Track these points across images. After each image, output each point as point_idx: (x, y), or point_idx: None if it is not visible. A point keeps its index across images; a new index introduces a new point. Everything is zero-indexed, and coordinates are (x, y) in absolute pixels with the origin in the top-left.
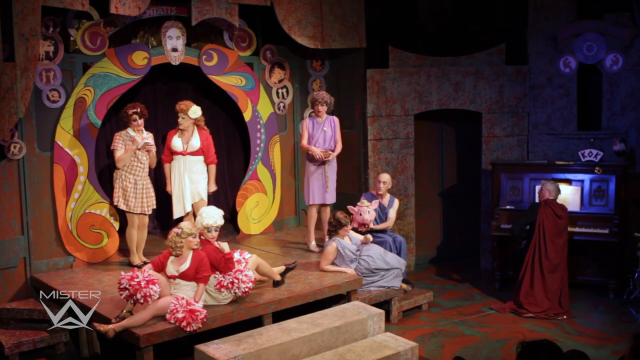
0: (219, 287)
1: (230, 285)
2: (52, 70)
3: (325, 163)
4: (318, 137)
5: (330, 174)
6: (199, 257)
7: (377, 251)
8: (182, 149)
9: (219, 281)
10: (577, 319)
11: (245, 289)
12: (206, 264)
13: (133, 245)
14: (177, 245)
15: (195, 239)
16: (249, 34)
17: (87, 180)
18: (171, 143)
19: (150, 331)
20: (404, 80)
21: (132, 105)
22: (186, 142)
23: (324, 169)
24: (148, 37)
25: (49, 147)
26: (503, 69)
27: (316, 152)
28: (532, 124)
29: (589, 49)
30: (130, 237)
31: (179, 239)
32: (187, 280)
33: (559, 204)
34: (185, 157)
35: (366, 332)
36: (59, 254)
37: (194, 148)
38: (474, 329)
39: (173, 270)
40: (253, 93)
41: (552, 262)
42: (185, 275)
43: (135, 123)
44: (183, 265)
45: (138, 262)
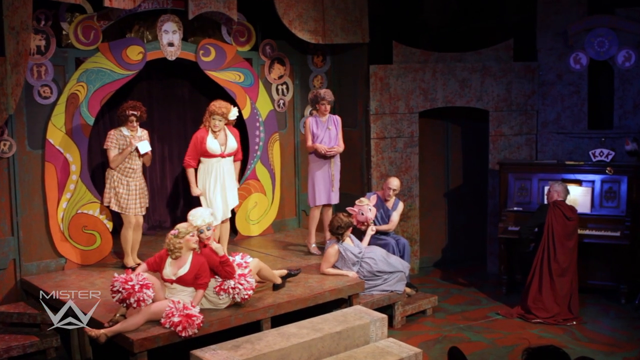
0: (219, 289)
1: (231, 289)
2: (44, 65)
3: (331, 161)
4: (323, 137)
5: (336, 173)
6: (199, 262)
7: (380, 254)
8: (220, 151)
9: (220, 283)
10: (587, 325)
11: (245, 295)
12: (206, 270)
13: (128, 246)
14: (175, 247)
15: (193, 237)
16: (248, 28)
17: (79, 180)
18: (206, 146)
19: (144, 336)
20: (408, 76)
21: (133, 105)
22: (223, 143)
23: (330, 168)
24: (143, 31)
25: (40, 145)
26: (511, 66)
27: (322, 147)
28: (541, 123)
29: (601, 45)
30: (125, 238)
31: (177, 240)
32: (184, 286)
33: (568, 205)
34: (224, 159)
35: (368, 337)
36: (50, 256)
37: (232, 149)
38: (480, 334)
39: (170, 274)
40: (252, 90)
41: (562, 266)
42: (183, 280)
43: (131, 125)
44: (182, 269)
45: (132, 264)
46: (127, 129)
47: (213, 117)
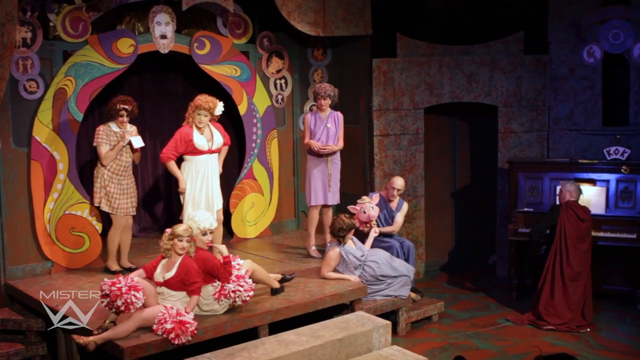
0: (219, 295)
1: (232, 293)
2: (30, 58)
3: (328, 159)
4: (321, 134)
5: (334, 173)
6: (186, 267)
7: (384, 257)
8: (208, 147)
9: (221, 289)
10: (602, 332)
11: (247, 297)
12: (194, 275)
13: (114, 248)
14: (165, 248)
15: (181, 242)
16: (245, 19)
17: (67, 179)
18: (194, 142)
19: (136, 343)
20: (413, 70)
21: (124, 100)
22: (209, 139)
23: (327, 167)
24: (134, 22)
25: (26, 142)
26: (521, 59)
27: (315, 144)
28: (553, 119)
29: (615, 37)
30: (112, 240)
31: (166, 241)
32: (171, 289)
33: (581, 206)
34: (211, 156)
35: (371, 345)
36: (36, 259)
37: (219, 144)
38: (489, 342)
39: (159, 277)
40: (249, 84)
41: (575, 270)
42: (169, 284)
43: (121, 119)
44: (170, 272)
45: (117, 267)
46: (116, 125)
47: (198, 112)
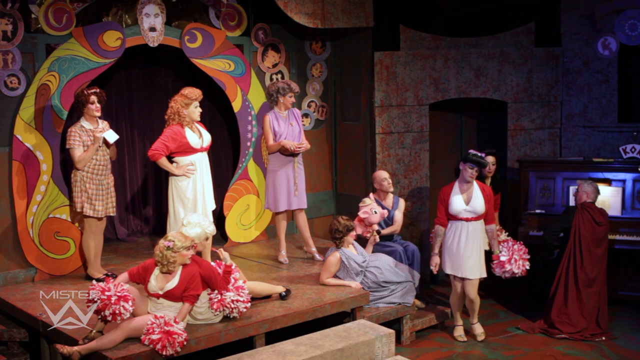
0: (218, 305)
1: (231, 303)
2: (11, 52)
3: (295, 161)
4: (287, 135)
5: (300, 174)
6: (190, 274)
7: (386, 262)
8: (200, 145)
9: (219, 300)
10: (618, 341)
11: (244, 309)
12: (197, 282)
13: (92, 254)
14: (169, 261)
15: (189, 251)
16: (239, 11)
17: (51, 180)
18: (187, 139)
19: (123, 354)
20: (417, 64)
21: (89, 87)
22: (199, 136)
23: (294, 169)
24: (122, 14)
25: (7, 141)
26: (532, 52)
27: (290, 143)
28: (566, 115)
29: (632, 28)
30: (88, 246)
31: (171, 254)
32: (172, 301)
33: (598, 208)
34: (203, 153)
35: (374, 355)
36: (19, 265)
37: (209, 141)
38: (499, 351)
39: (156, 288)
40: (243, 79)
41: (589, 275)
42: (171, 295)
43: (93, 107)
44: (170, 282)
45: (99, 275)
46: (89, 118)
47: (195, 104)
